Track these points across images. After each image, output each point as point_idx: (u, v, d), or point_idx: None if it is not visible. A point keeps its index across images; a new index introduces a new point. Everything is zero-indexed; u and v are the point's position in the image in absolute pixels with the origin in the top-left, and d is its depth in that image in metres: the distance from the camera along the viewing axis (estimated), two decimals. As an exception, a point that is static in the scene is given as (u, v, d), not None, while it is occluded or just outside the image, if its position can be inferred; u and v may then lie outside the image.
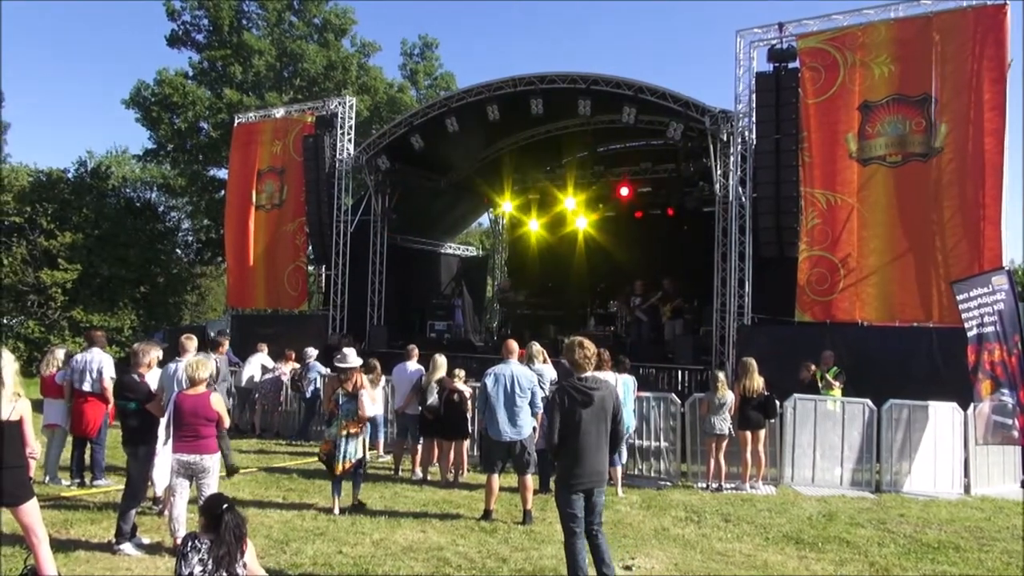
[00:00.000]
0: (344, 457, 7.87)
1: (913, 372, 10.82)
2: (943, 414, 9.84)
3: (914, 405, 9.88)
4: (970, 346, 9.78)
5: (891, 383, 10.46)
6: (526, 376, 7.89)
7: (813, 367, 10.83)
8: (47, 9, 66.61)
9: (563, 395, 5.33)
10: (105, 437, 9.03)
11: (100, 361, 8.91)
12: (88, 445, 9.04)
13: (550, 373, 9.45)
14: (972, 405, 9.69)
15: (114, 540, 6.33)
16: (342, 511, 7.81)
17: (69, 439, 9.32)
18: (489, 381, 7.80)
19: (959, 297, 9.95)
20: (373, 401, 8.88)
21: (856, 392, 10.38)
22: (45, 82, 74.76)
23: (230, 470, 8.82)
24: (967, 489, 9.72)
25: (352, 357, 8.35)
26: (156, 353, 7.24)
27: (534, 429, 7.98)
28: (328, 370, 13.43)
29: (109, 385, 8.67)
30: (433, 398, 9.57)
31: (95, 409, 8.87)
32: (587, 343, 5.43)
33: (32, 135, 66.27)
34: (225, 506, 4.25)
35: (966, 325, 9.81)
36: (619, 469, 9.13)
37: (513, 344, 8.28)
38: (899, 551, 6.93)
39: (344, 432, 7.91)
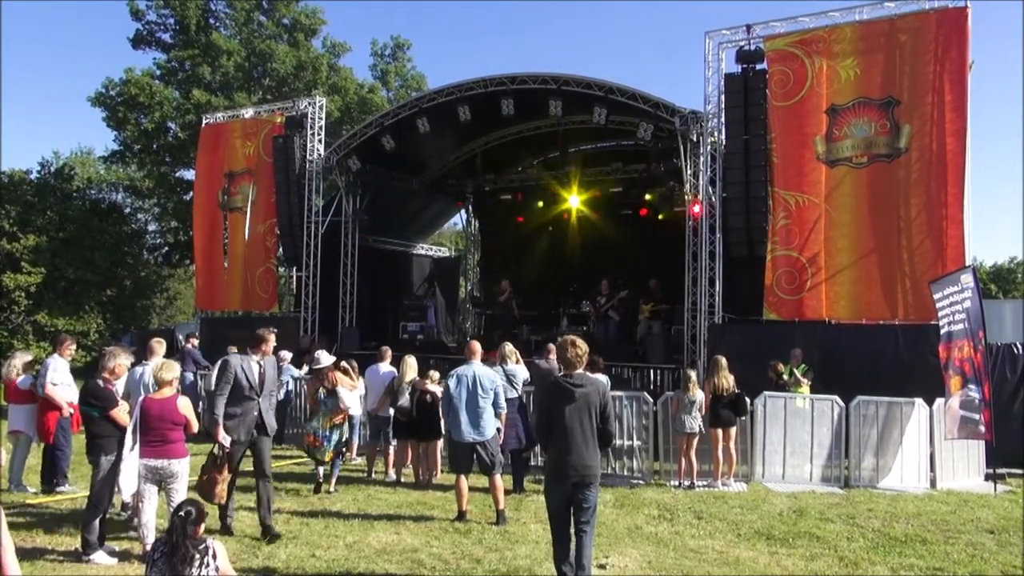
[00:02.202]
0: (330, 446, 8.80)
1: (880, 369, 11.00)
2: (910, 410, 10.00)
3: (881, 401, 10.02)
4: (941, 344, 9.99)
5: (859, 380, 10.62)
6: (488, 377, 7.89)
7: (780, 366, 10.94)
8: (6, 8, 65.18)
9: (549, 391, 5.48)
10: (64, 442, 8.79)
11: (47, 365, 8.77)
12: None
13: (523, 374, 9.47)
14: (943, 401, 9.87)
15: (82, 551, 6.19)
16: (315, 513, 7.80)
17: (34, 445, 9.14)
18: (452, 382, 7.81)
19: (936, 296, 10.15)
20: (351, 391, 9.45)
21: (825, 389, 10.52)
22: (5, 81, 73.17)
23: (225, 529, 6.99)
24: (933, 483, 9.88)
25: (325, 357, 9.27)
26: (124, 359, 6.93)
27: (498, 430, 7.99)
28: (301, 372, 13.34)
29: (51, 390, 8.53)
30: (405, 399, 9.54)
31: (53, 415, 8.71)
32: (579, 341, 5.50)
33: (-7, 136, 64.71)
34: (181, 512, 4.21)
35: (940, 323, 10.01)
36: None
37: (476, 345, 8.27)
38: (868, 545, 7.03)
39: (328, 424, 8.81)
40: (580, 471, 5.24)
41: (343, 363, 10.00)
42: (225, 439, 6.64)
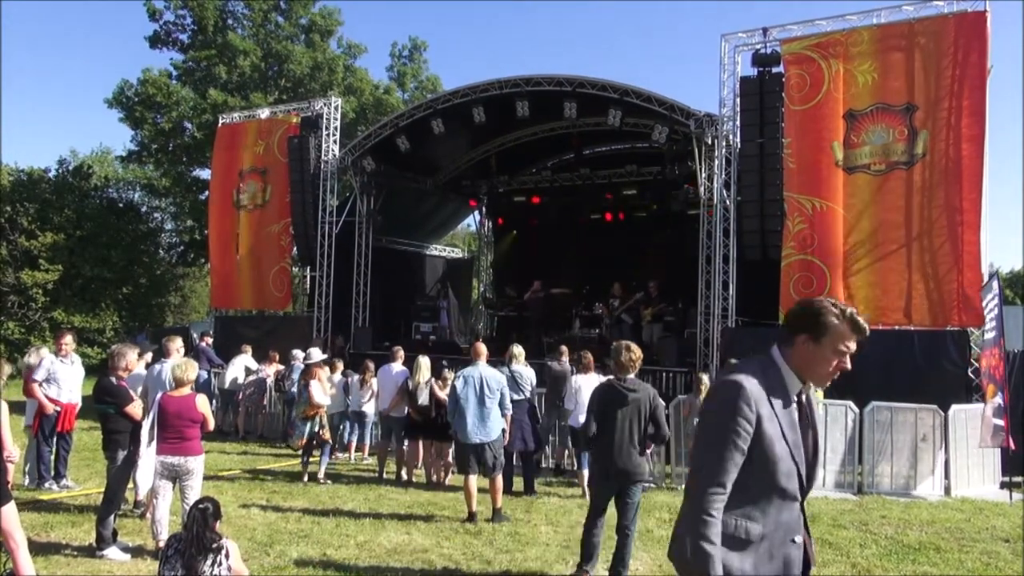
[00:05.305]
0: (298, 435, 9.61)
1: (895, 375, 10.89)
2: (925, 417, 9.91)
3: (896, 407, 9.95)
4: (984, 350, 9.99)
5: (873, 385, 10.52)
6: (495, 378, 7.91)
7: None
8: (26, 8, 65.88)
9: (602, 394, 5.70)
10: (43, 439, 8.81)
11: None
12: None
13: (529, 375, 9.47)
14: (981, 408, 9.82)
15: (96, 546, 6.26)
16: (325, 513, 7.83)
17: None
18: (459, 383, 7.85)
19: (982, 303, 10.12)
20: (325, 392, 9.96)
21: (838, 394, 10.45)
22: (25, 80, 73.98)
23: None
24: (948, 491, 9.80)
25: (316, 354, 10.22)
26: (132, 355, 7.04)
27: (504, 431, 8.00)
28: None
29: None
30: (424, 397, 9.51)
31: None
32: (633, 346, 5.81)
33: (12, 134, 65.58)
34: (201, 505, 4.25)
35: (984, 330, 10.02)
36: (586, 473, 9.04)
37: (481, 346, 8.30)
38: (881, 552, 6.98)
39: (301, 415, 9.60)
40: (628, 473, 5.57)
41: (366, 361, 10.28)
42: None
